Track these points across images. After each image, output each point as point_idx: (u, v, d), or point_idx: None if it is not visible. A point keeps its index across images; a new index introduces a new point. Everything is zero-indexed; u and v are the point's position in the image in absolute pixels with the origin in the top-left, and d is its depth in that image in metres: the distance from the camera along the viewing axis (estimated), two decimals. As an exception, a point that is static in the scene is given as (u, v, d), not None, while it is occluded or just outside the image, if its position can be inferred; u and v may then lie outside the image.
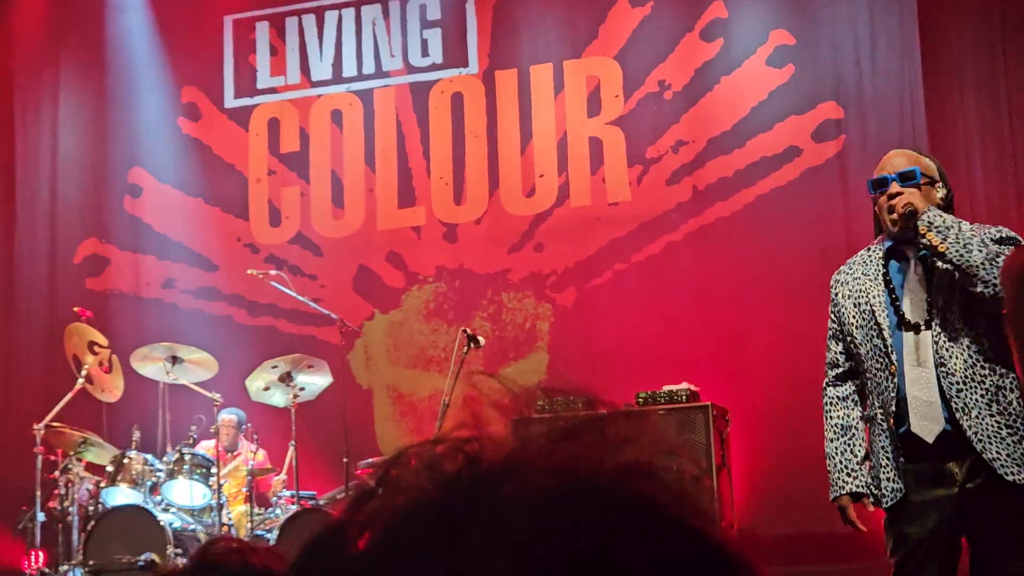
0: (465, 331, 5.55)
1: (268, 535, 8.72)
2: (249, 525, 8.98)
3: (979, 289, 4.35)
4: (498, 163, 11.37)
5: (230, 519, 9.17)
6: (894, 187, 4.60)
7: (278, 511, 9.21)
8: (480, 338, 6.44)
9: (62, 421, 9.29)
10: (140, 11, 12.25)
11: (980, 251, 4.33)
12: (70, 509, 9.18)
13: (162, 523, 8.54)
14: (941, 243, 4.40)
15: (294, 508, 8.91)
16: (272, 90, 12.03)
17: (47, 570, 9.23)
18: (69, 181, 12.40)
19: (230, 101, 12.10)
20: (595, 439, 0.91)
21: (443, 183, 11.47)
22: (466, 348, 5.51)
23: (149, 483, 9.05)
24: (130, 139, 12.33)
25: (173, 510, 9.05)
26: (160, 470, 9.16)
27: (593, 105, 11.16)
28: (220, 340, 10.81)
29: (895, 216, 4.57)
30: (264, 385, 9.54)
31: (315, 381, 9.60)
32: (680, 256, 10.67)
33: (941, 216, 4.47)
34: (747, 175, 10.54)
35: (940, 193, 4.68)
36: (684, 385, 8.92)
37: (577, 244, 10.99)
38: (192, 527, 8.96)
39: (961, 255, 4.35)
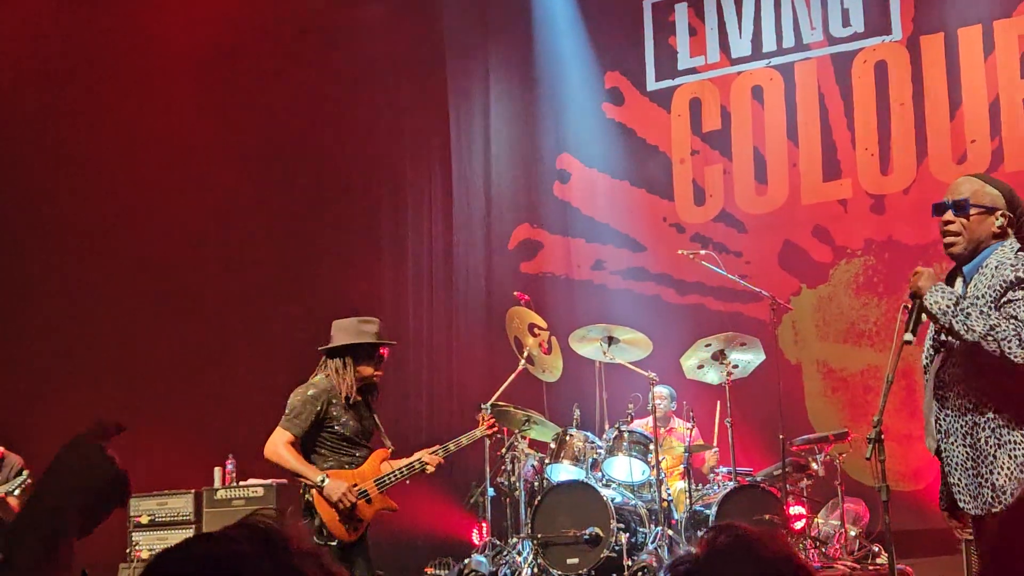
0: (906, 305, 5.45)
1: (707, 511, 8.86)
2: (688, 501, 9.13)
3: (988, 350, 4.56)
4: (926, 131, 11.05)
5: (669, 495, 9.35)
6: (948, 215, 4.82)
7: (715, 487, 9.31)
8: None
9: (506, 400, 9.68)
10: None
11: (979, 324, 4.54)
12: (517, 484, 9.59)
13: (604, 498, 8.77)
14: (943, 327, 4.66)
15: (731, 484, 8.99)
16: (692, 70, 12.15)
17: (497, 542, 9.65)
18: (501, 169, 12.97)
19: (652, 84, 12.32)
20: None
21: (868, 154, 11.25)
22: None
23: (590, 460, 9.33)
24: (557, 126, 12.77)
25: (614, 486, 9.30)
26: (600, 447, 9.42)
27: (1027, 65, 10.66)
28: (650, 319, 11.02)
29: (946, 243, 4.85)
30: (698, 363, 9.66)
31: (748, 358, 9.64)
32: None
33: (938, 299, 4.65)
34: None
35: (998, 223, 4.79)
36: None
37: (1014, 210, 10.50)
38: (632, 502, 9.19)
39: (963, 333, 4.57)
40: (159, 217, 12.16)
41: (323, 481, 6.44)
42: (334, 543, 6.44)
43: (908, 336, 4.77)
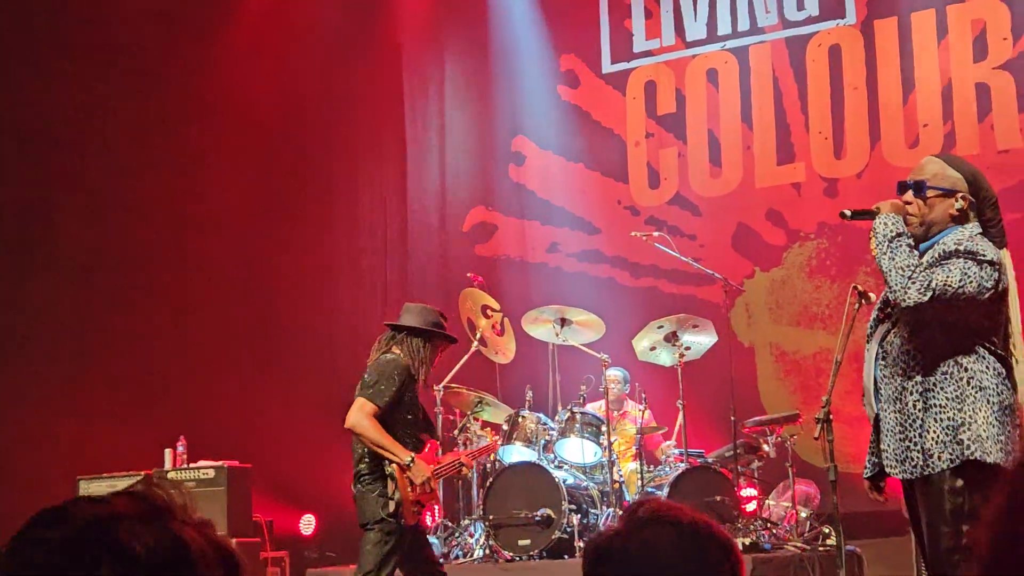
0: (856, 287, 5.49)
1: (658, 492, 8.88)
2: (639, 482, 9.15)
3: (893, 296, 4.69)
4: (879, 115, 11.10)
5: (621, 476, 9.37)
6: (908, 195, 4.86)
7: (667, 469, 9.34)
8: (871, 294, 6.34)
9: (459, 382, 9.68)
10: (519, -18, 12.64)
11: (899, 259, 4.63)
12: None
13: (556, 480, 8.78)
14: (874, 247, 4.75)
15: (683, 466, 9.02)
16: (648, 53, 12.16)
17: (449, 523, 9.64)
18: (457, 152, 12.95)
19: (607, 66, 12.32)
20: None
21: (822, 138, 11.30)
22: (857, 304, 5.45)
23: (543, 441, 9.34)
24: (512, 108, 12.76)
25: (566, 467, 9.32)
26: (552, 428, 9.43)
27: (979, 50, 10.72)
28: (604, 301, 11.03)
29: (905, 222, 4.83)
30: (651, 345, 9.67)
31: (700, 340, 9.66)
32: (1078, 204, 10.11)
33: (886, 223, 4.75)
34: None
35: (957, 205, 4.82)
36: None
37: (965, 194, 10.57)
38: (585, 484, 9.21)
39: (882, 261, 4.70)
40: (109, 193, 12.04)
41: (411, 462, 6.42)
42: (402, 522, 6.44)
43: (846, 211, 4.99)
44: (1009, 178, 10.38)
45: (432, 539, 9.19)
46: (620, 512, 2.95)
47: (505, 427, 9.48)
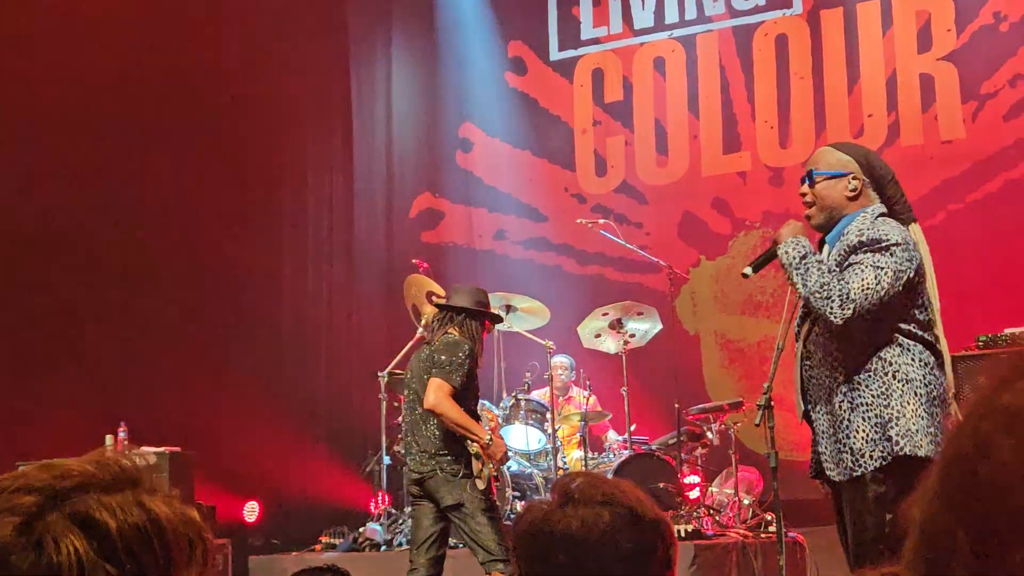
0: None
1: (602, 479, 8.89)
2: (584, 470, 9.16)
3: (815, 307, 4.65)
4: (824, 104, 11.16)
5: (565, 463, 9.38)
6: (803, 187, 4.85)
7: (611, 455, 9.36)
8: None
9: (403, 369, 9.62)
10: (466, -30, 12.60)
11: (812, 280, 4.60)
12: (414, 452, 9.56)
13: (501, 467, 8.77)
14: (789, 280, 4.74)
15: (627, 453, 9.05)
16: (595, 41, 12.16)
17: (393, 511, 9.62)
18: (403, 138, 12.91)
19: (555, 54, 12.31)
20: None
21: (768, 127, 11.35)
22: (799, 293, 5.50)
23: (487, 428, 9.31)
24: (460, 95, 12.73)
25: (511, 454, 9.30)
26: (497, 415, 9.43)
27: (923, 41, 10.80)
28: (551, 289, 11.04)
29: (805, 216, 4.87)
30: (595, 332, 9.69)
31: (645, 327, 9.68)
32: (1019, 194, 10.22)
33: (790, 250, 4.71)
34: (1094, 107, 9.99)
35: (851, 186, 4.81)
36: (1026, 329, 8.54)
37: (908, 184, 10.47)
38: (529, 471, 9.22)
39: (799, 287, 4.67)
40: (46, 174, 11.89)
41: (491, 440, 6.64)
42: (490, 496, 6.64)
43: (747, 269, 4.88)
44: (953, 168, 10.48)
45: (375, 526, 9.20)
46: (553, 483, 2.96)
47: (449, 414, 9.44)
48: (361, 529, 9.30)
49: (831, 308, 4.52)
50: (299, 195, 12.93)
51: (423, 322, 9.82)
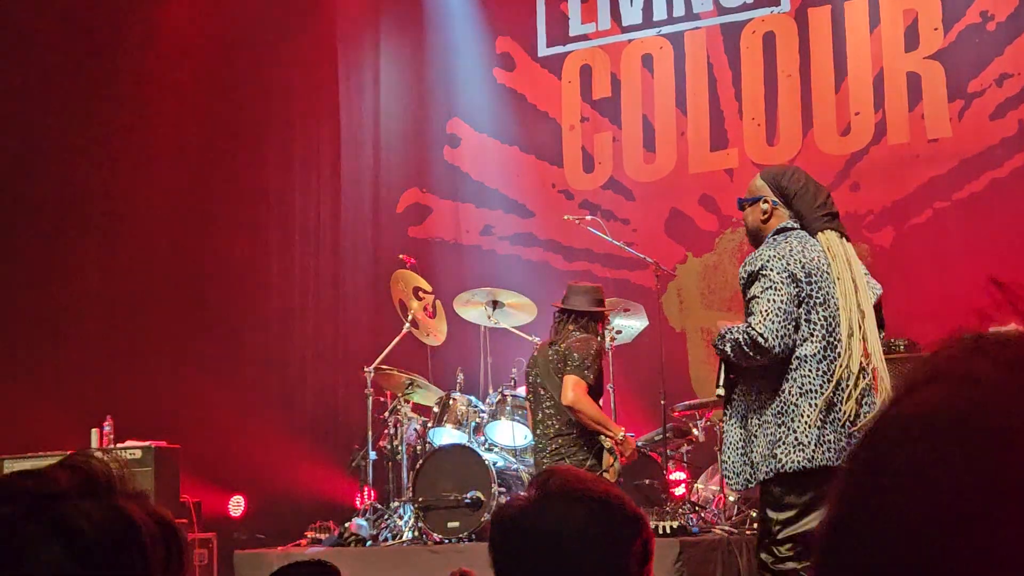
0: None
1: (587, 475, 8.89)
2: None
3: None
4: (811, 102, 11.18)
5: (551, 459, 9.37)
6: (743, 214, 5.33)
7: (597, 452, 9.34)
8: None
9: (390, 364, 9.65)
10: (455, -35, 12.59)
11: (735, 354, 4.91)
12: (399, 448, 9.57)
13: (487, 462, 8.75)
14: (736, 361, 5.01)
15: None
16: (583, 37, 12.16)
17: (379, 506, 9.62)
18: (391, 133, 12.90)
19: (543, 50, 12.31)
20: None
21: (755, 124, 11.36)
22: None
23: (473, 424, 9.31)
24: (448, 91, 12.72)
25: (496, 450, 9.31)
26: (483, 411, 9.40)
27: (911, 39, 10.82)
28: (537, 285, 11.01)
29: None
30: (582, 329, 9.67)
31: (631, 324, 9.68)
32: (1005, 193, 10.25)
33: (718, 346, 5.05)
34: (1079, 106, 10.02)
35: (763, 208, 5.21)
36: (1013, 327, 8.56)
37: (895, 182, 10.71)
38: (515, 467, 9.21)
39: (731, 359, 5.00)
40: (36, 168, 11.87)
41: (623, 436, 7.03)
42: None
43: (719, 391, 5.17)
44: (939, 167, 10.51)
45: (361, 521, 9.20)
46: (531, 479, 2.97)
47: (436, 409, 9.46)
48: (347, 524, 9.30)
49: (755, 357, 4.83)
50: (286, 190, 12.92)
51: (410, 317, 9.84)
